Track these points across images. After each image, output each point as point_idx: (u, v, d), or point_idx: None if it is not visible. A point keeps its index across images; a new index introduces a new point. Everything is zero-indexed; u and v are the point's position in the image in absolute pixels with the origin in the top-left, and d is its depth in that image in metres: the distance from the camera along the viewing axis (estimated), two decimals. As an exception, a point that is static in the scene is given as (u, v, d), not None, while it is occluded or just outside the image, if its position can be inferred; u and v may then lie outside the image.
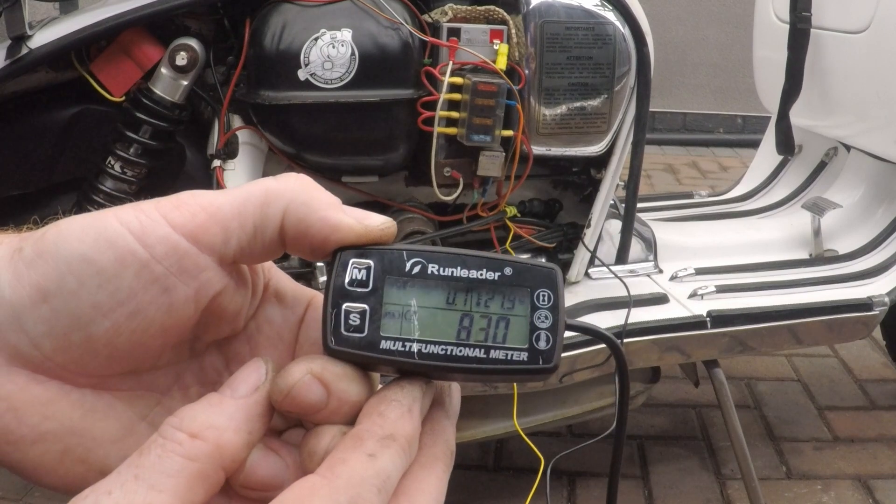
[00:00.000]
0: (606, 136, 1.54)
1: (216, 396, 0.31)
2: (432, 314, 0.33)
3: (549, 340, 0.33)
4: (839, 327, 1.69)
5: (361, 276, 0.33)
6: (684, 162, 4.59)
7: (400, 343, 0.33)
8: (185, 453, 0.29)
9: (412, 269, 0.33)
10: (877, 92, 1.87)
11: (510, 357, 0.33)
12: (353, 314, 0.33)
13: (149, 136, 1.44)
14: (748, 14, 2.39)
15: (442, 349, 0.33)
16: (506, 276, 0.34)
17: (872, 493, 1.86)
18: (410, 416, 0.32)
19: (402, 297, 0.33)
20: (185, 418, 0.30)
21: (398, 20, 1.41)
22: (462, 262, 0.34)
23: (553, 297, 0.34)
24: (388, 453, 0.31)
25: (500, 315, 0.33)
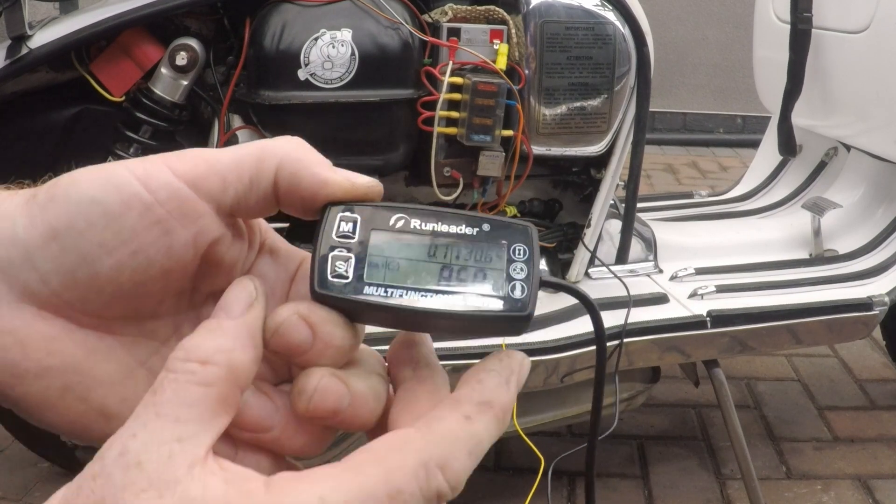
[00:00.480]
0: (606, 136, 1.54)
1: (213, 322, 0.32)
2: (414, 265, 0.35)
3: (523, 290, 0.35)
4: (839, 327, 1.69)
5: (348, 228, 0.35)
6: (684, 162, 4.59)
7: (382, 289, 0.34)
8: (200, 380, 0.30)
9: (396, 223, 0.35)
10: (877, 92, 1.87)
11: (486, 305, 0.34)
12: (339, 261, 0.34)
13: (149, 136, 1.44)
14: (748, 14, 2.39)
15: (421, 295, 0.34)
16: (483, 232, 0.35)
17: (872, 493, 1.86)
18: (507, 387, 0.33)
19: (386, 249, 0.35)
20: (191, 349, 0.31)
21: (398, 20, 1.41)
22: (443, 217, 0.35)
23: (528, 251, 0.35)
24: (484, 419, 0.32)
25: (477, 267, 0.35)
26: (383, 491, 0.29)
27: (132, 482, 0.28)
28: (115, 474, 0.29)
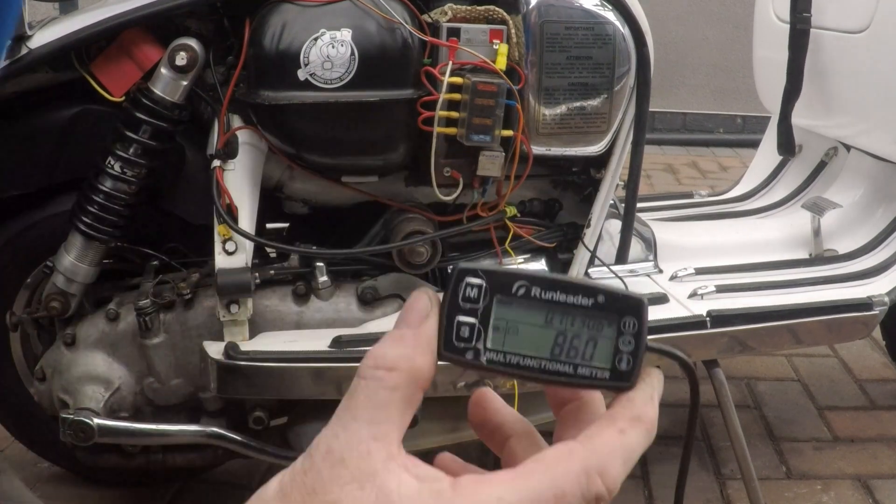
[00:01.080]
0: (606, 136, 1.54)
1: (396, 332, 0.37)
2: (531, 331, 0.38)
3: (629, 363, 0.39)
4: (839, 327, 1.69)
5: (473, 293, 0.38)
6: (684, 162, 4.59)
7: (502, 355, 0.38)
8: (388, 385, 0.35)
9: (517, 290, 0.38)
10: (877, 92, 1.87)
11: (594, 374, 0.38)
12: (464, 326, 0.38)
13: (148, 136, 1.44)
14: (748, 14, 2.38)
15: (537, 363, 0.38)
16: (598, 303, 0.38)
17: (872, 493, 1.86)
18: (652, 402, 0.38)
19: (508, 315, 0.38)
20: (378, 357, 0.36)
21: (398, 20, 1.41)
22: (561, 287, 0.38)
23: (637, 325, 0.39)
24: (635, 432, 0.37)
25: (589, 336, 0.38)
26: (550, 493, 0.34)
27: (338, 476, 0.34)
28: (323, 470, 0.34)
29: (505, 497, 0.33)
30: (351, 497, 0.33)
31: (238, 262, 1.42)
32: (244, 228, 1.41)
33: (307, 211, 1.66)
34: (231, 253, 1.42)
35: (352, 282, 1.54)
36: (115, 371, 1.50)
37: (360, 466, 0.34)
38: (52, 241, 1.53)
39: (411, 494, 0.33)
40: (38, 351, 1.64)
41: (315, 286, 1.50)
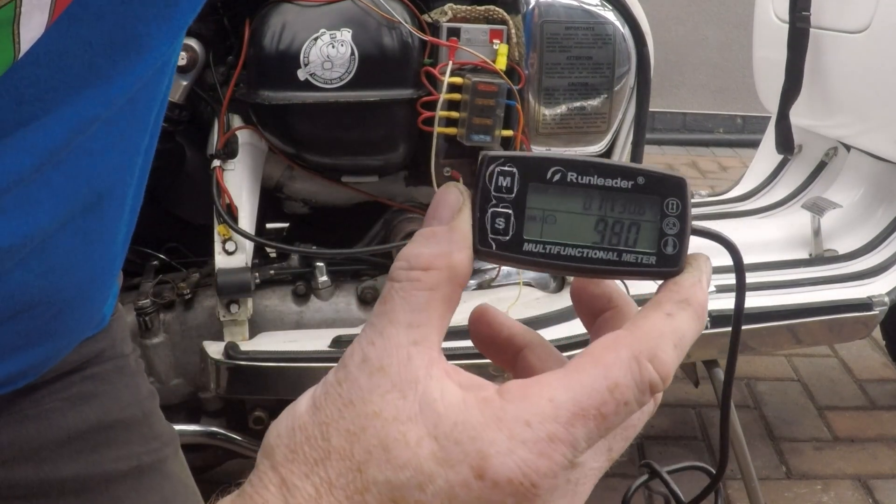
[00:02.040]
0: (606, 136, 1.54)
1: (427, 230, 0.34)
2: (570, 218, 0.36)
3: (675, 245, 0.36)
4: (839, 327, 1.69)
5: (506, 182, 0.35)
6: (684, 162, 4.59)
7: (541, 245, 0.36)
8: (426, 286, 0.33)
9: (552, 176, 0.36)
10: (876, 92, 1.87)
11: (640, 260, 0.36)
12: (499, 218, 0.35)
13: (149, 136, 1.44)
14: (748, 14, 2.39)
15: (579, 251, 0.36)
16: (638, 185, 0.36)
17: (872, 493, 1.86)
18: (701, 285, 0.36)
19: (544, 203, 0.36)
20: (412, 257, 0.33)
21: (398, 20, 1.41)
22: (599, 170, 0.36)
23: (681, 206, 0.36)
24: (684, 315, 0.34)
25: (632, 220, 0.36)
26: (603, 385, 0.31)
27: (377, 385, 0.31)
28: (361, 379, 0.32)
29: (557, 397, 0.31)
30: (392, 406, 0.31)
31: (238, 262, 1.42)
32: (244, 228, 1.41)
33: (307, 211, 1.66)
34: (231, 253, 1.42)
35: (352, 282, 1.54)
36: (115, 371, 1.50)
37: (400, 373, 0.31)
38: (52, 240, 1.53)
39: (456, 403, 0.31)
40: (38, 351, 1.64)
41: (315, 286, 1.50)
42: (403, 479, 0.30)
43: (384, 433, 0.31)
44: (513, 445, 0.30)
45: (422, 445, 0.31)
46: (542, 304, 1.55)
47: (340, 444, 0.31)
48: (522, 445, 0.30)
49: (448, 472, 0.30)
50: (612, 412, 0.32)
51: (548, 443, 0.31)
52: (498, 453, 0.30)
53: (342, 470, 0.31)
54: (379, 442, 0.31)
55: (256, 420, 1.51)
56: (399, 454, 0.30)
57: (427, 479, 0.30)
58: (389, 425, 0.31)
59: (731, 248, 0.39)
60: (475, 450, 0.30)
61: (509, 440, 0.30)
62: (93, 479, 0.61)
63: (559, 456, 0.31)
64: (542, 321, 1.49)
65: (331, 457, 0.31)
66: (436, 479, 0.30)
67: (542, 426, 0.31)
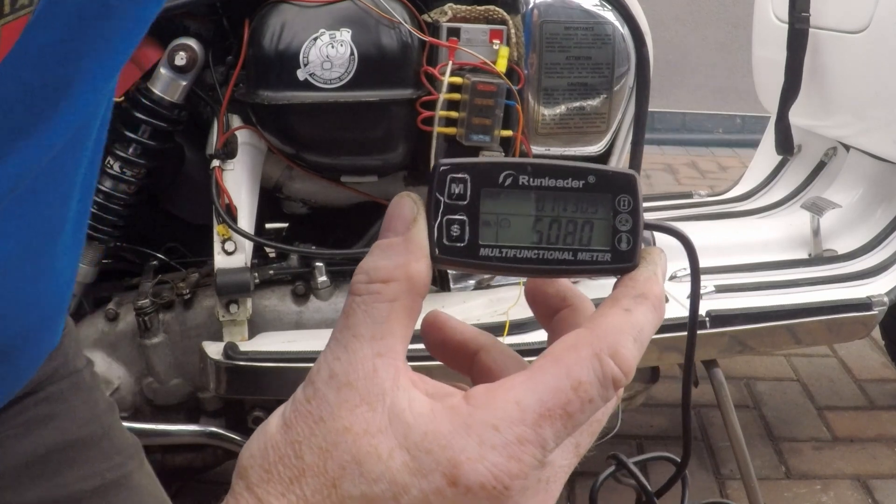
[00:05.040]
0: (605, 136, 1.54)
1: (384, 241, 0.35)
2: (524, 221, 0.36)
3: (629, 241, 0.37)
4: (838, 327, 1.69)
5: (459, 189, 0.36)
6: (683, 162, 4.59)
7: (497, 249, 0.36)
8: (387, 297, 0.33)
9: (504, 180, 0.36)
10: (876, 92, 1.87)
11: (595, 258, 0.37)
12: (454, 225, 0.36)
13: (148, 136, 1.44)
14: (747, 14, 2.39)
15: (534, 253, 0.36)
16: (589, 184, 0.37)
17: (872, 493, 1.86)
18: (656, 278, 0.37)
19: (497, 207, 0.36)
20: (370, 270, 0.34)
21: (397, 20, 1.41)
22: (550, 171, 0.36)
23: (633, 202, 0.37)
24: (641, 308, 0.35)
25: (584, 219, 0.37)
26: (566, 384, 0.32)
27: (345, 400, 0.32)
28: (329, 395, 0.32)
29: (522, 399, 0.32)
30: (362, 420, 0.31)
31: (237, 262, 1.42)
32: (243, 228, 1.41)
33: (306, 211, 1.66)
34: (230, 253, 1.42)
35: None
36: (115, 371, 1.50)
37: (367, 387, 0.32)
38: (51, 240, 1.53)
39: (425, 412, 0.32)
40: (37, 351, 1.64)
41: (314, 286, 1.50)
42: (378, 492, 0.31)
43: (356, 447, 0.31)
44: (483, 451, 0.31)
45: (394, 457, 0.31)
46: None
47: (314, 462, 0.32)
48: (492, 450, 0.31)
49: (421, 482, 0.31)
50: (578, 410, 0.32)
51: (517, 445, 0.31)
52: (469, 460, 0.31)
53: (317, 487, 0.31)
54: (351, 457, 0.31)
55: (256, 420, 1.51)
56: (372, 467, 0.31)
57: (401, 489, 0.31)
58: (360, 439, 0.31)
59: (685, 241, 0.40)
60: (446, 458, 0.31)
61: (479, 446, 0.31)
62: (58, 502, 0.61)
63: (529, 457, 0.31)
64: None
65: (305, 474, 0.31)
66: (410, 489, 0.31)
67: (510, 429, 0.31)
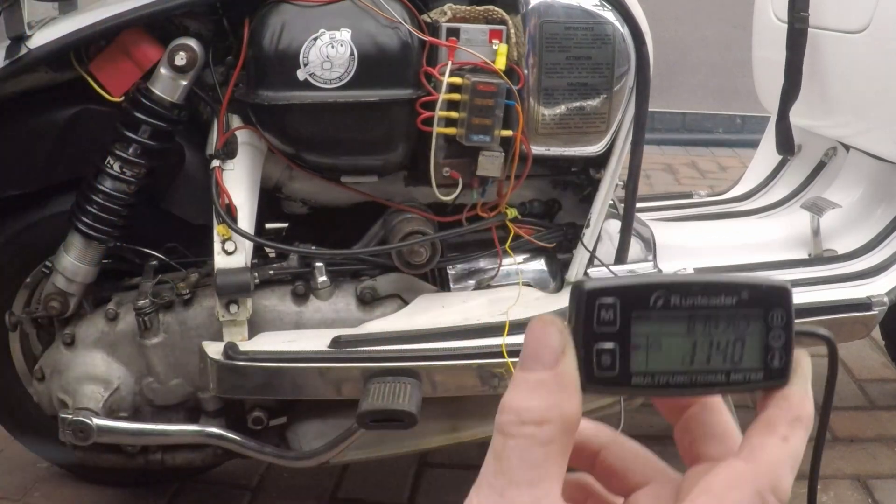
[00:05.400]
0: (605, 136, 1.54)
1: (532, 375, 0.33)
2: (675, 342, 0.35)
3: (781, 358, 0.35)
4: (838, 327, 1.69)
5: (608, 316, 0.34)
6: (683, 162, 4.59)
7: (649, 377, 0.35)
8: (542, 441, 0.32)
9: (655, 302, 0.35)
10: (876, 92, 1.87)
11: (747, 378, 0.35)
12: (605, 355, 0.34)
13: (148, 136, 1.44)
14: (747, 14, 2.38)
15: (687, 378, 0.35)
16: (742, 300, 0.35)
17: (872, 492, 1.86)
18: (807, 396, 0.35)
19: (648, 330, 0.35)
20: (523, 411, 0.32)
21: (397, 20, 1.41)
22: (702, 289, 0.35)
23: (786, 317, 0.35)
24: (798, 434, 0.34)
25: (736, 337, 0.35)
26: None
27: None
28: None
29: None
30: None
31: (237, 262, 1.42)
32: (243, 228, 1.41)
33: (306, 211, 1.66)
34: (230, 253, 1.42)
35: (351, 282, 1.54)
36: (115, 371, 1.50)
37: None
38: (51, 241, 1.53)
39: None
40: (37, 351, 1.64)
41: (314, 286, 1.50)
42: None
43: None
44: None
45: None
46: (541, 303, 1.55)
47: None
48: None
49: None
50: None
51: None
52: None
53: None
54: None
55: (255, 420, 1.51)
56: None
57: None
58: None
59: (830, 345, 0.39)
60: None
61: None
62: None
63: None
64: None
65: None
66: None
67: None
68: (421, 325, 1.46)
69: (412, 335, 1.45)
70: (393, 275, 1.54)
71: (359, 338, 1.44)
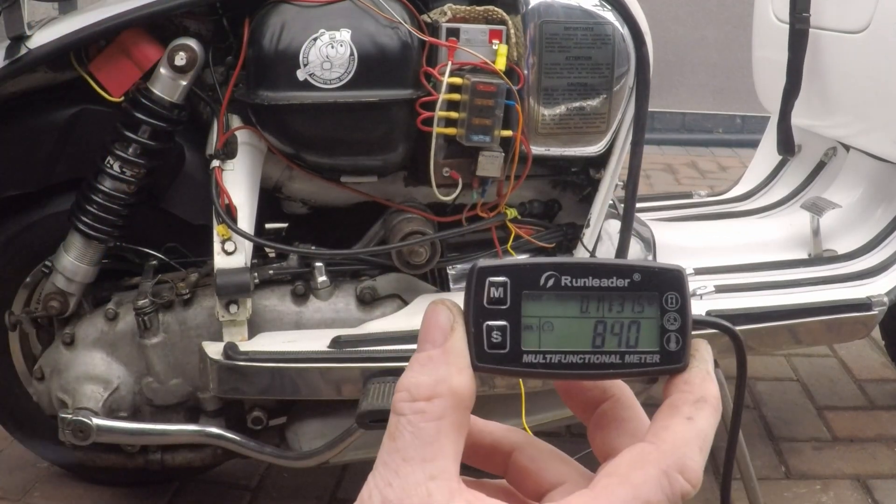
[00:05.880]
0: (605, 136, 1.54)
1: (422, 355, 0.33)
2: (568, 324, 0.35)
3: (678, 341, 0.35)
4: (838, 327, 1.69)
5: (499, 293, 0.34)
6: (683, 162, 4.59)
7: (541, 356, 0.35)
8: (433, 416, 0.32)
9: (546, 282, 0.35)
10: (876, 92, 1.87)
11: (644, 360, 0.35)
12: (495, 332, 0.34)
13: (148, 136, 1.44)
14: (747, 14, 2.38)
15: (580, 358, 0.35)
16: (635, 282, 0.35)
17: (871, 492, 1.86)
18: (710, 377, 0.35)
19: (539, 310, 0.35)
20: (413, 387, 0.33)
21: (397, 20, 1.41)
22: (593, 271, 0.35)
23: (681, 299, 0.35)
24: (703, 414, 0.34)
25: (631, 319, 0.35)
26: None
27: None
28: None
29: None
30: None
31: (237, 262, 1.42)
32: (243, 228, 1.41)
33: (306, 211, 1.66)
34: (230, 253, 1.42)
35: (350, 282, 1.54)
36: (114, 371, 1.50)
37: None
38: (51, 240, 1.53)
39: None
40: (37, 351, 1.64)
41: (314, 286, 1.50)
42: None
43: None
44: None
45: None
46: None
47: None
48: None
49: None
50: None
51: None
52: None
53: None
54: None
55: (255, 420, 1.51)
56: None
57: None
58: None
59: (735, 337, 0.39)
60: None
61: None
62: None
63: None
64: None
65: None
66: None
67: None
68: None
69: (412, 335, 1.45)
70: (393, 275, 1.54)
71: (359, 338, 1.44)
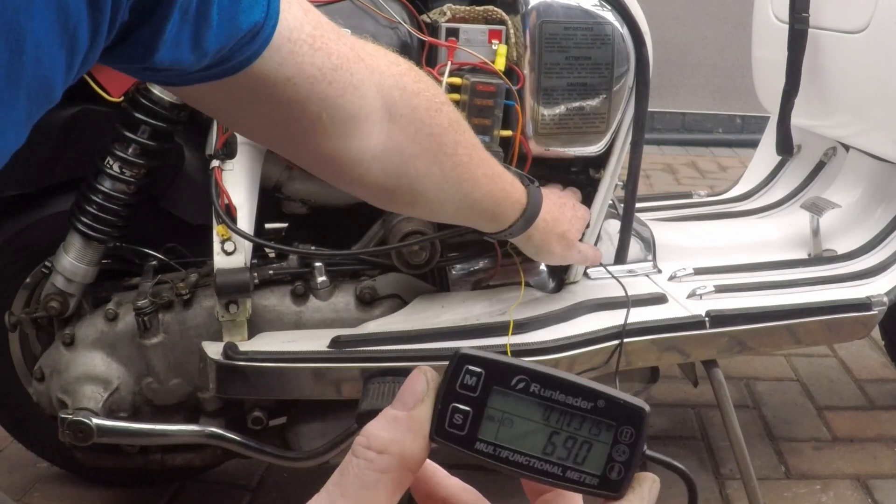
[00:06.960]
0: (605, 136, 1.54)
1: (391, 412, 0.37)
2: (527, 425, 0.38)
3: (620, 472, 0.38)
4: (838, 327, 1.69)
5: (472, 381, 0.38)
6: (683, 162, 4.59)
7: (492, 447, 0.38)
8: (378, 468, 0.36)
9: (517, 384, 0.38)
10: (876, 92, 1.87)
11: (583, 479, 0.38)
12: (458, 414, 0.38)
13: (147, 136, 1.44)
14: (747, 14, 2.39)
15: (527, 460, 0.38)
16: (598, 408, 0.38)
17: (871, 492, 1.86)
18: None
19: (505, 406, 0.38)
20: (371, 437, 0.36)
21: (397, 20, 1.41)
22: (562, 386, 0.38)
23: (635, 435, 0.38)
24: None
25: (584, 439, 0.38)
26: None
27: None
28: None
29: None
30: None
31: (237, 263, 1.42)
32: (243, 228, 1.41)
33: (306, 211, 1.66)
34: (230, 253, 1.42)
35: (350, 282, 1.54)
36: (114, 371, 1.50)
37: None
38: (50, 241, 1.53)
39: None
40: (36, 351, 1.64)
41: (314, 286, 1.50)
42: None
43: None
44: None
45: None
46: (541, 304, 1.55)
47: None
48: None
49: None
50: None
51: None
52: None
53: None
54: None
55: (255, 420, 1.51)
56: None
57: None
58: None
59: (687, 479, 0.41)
60: None
61: None
62: None
63: None
64: (541, 321, 1.49)
65: None
66: None
67: None
68: (420, 325, 1.46)
69: (412, 335, 1.45)
70: (392, 275, 1.54)
71: (358, 338, 1.44)
